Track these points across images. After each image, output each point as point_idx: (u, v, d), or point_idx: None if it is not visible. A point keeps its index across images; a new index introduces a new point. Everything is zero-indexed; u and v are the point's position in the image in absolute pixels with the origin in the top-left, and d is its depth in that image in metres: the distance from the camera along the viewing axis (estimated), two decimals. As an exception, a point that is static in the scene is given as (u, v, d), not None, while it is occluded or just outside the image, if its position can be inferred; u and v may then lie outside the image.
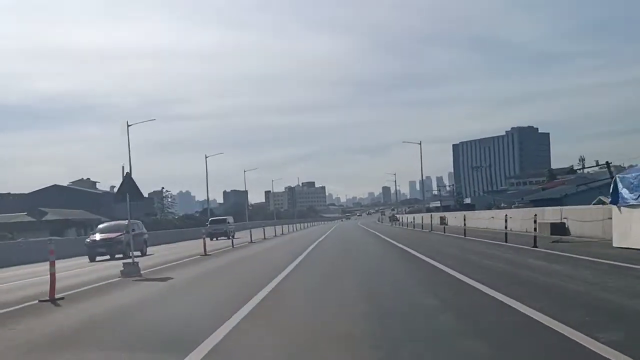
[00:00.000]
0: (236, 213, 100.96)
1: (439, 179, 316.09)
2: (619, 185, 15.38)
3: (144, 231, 29.05)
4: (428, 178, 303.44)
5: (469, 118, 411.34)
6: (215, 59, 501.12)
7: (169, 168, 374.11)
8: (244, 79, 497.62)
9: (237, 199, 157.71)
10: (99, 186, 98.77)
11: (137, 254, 16.28)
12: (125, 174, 14.93)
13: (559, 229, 21.78)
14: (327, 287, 10.65)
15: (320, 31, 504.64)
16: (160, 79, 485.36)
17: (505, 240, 19.77)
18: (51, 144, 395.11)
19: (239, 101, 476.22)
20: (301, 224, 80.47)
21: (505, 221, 21.19)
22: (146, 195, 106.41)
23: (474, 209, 62.64)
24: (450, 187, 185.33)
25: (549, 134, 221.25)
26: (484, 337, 5.81)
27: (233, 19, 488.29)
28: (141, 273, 14.63)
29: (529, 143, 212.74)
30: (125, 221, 22.98)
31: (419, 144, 77.55)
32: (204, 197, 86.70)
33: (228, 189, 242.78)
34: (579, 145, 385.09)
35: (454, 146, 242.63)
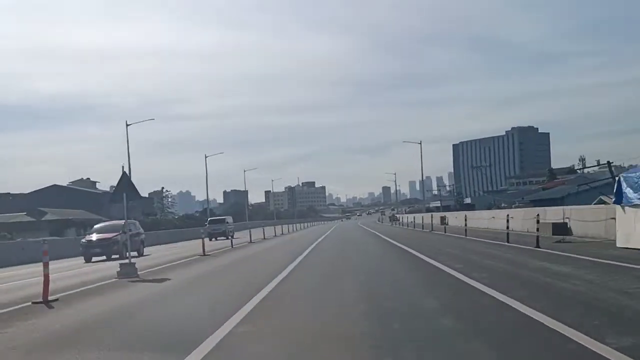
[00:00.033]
0: (236, 213, 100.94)
1: (439, 179, 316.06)
2: (622, 184, 15.16)
3: (140, 231, 28.66)
4: (428, 178, 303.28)
5: (469, 118, 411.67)
6: (215, 59, 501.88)
7: (169, 168, 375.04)
8: (244, 79, 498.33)
9: (237, 198, 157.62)
10: (99, 186, 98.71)
11: (133, 254, 16.03)
12: (122, 174, 14.72)
13: (560, 229, 21.55)
14: (327, 288, 10.57)
15: (320, 31, 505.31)
16: (160, 79, 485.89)
17: (507, 241, 19.55)
18: (51, 144, 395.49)
19: (239, 101, 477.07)
20: (301, 224, 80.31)
21: (506, 221, 20.99)
22: (146, 195, 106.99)
23: (474, 209, 62.49)
24: (450, 187, 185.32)
25: (549, 133, 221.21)
26: (485, 339, 5.62)
27: (233, 19, 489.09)
28: (138, 274, 14.40)
29: (529, 143, 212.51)
30: (121, 221, 22.77)
31: (419, 144, 77.51)
32: (204, 197, 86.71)
33: (228, 189, 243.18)
34: (579, 145, 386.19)
35: (454, 146, 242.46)
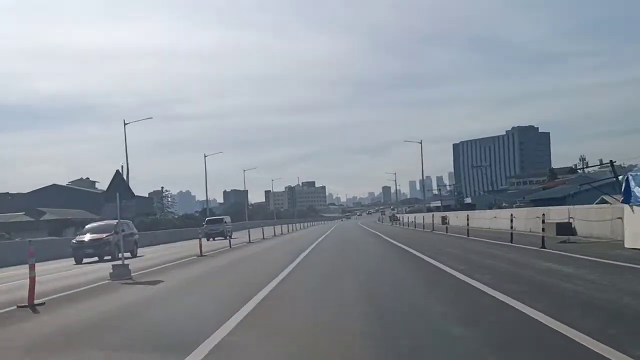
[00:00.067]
0: (236, 213, 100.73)
1: (439, 179, 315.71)
2: (631, 183, 14.74)
3: (134, 231, 27.85)
4: (428, 178, 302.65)
5: (469, 118, 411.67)
6: (215, 59, 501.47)
7: (169, 168, 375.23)
8: (244, 79, 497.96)
9: (237, 198, 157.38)
10: (99, 186, 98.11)
11: (127, 255, 15.56)
12: (115, 172, 14.27)
13: (565, 228, 21.15)
14: (327, 287, 10.44)
15: (320, 31, 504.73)
16: (160, 79, 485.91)
17: (511, 241, 19.11)
18: (51, 144, 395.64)
19: (239, 101, 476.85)
20: (301, 224, 79.92)
21: (510, 221, 20.57)
22: (146, 195, 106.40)
23: (475, 209, 62.16)
24: (451, 187, 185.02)
25: (549, 133, 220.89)
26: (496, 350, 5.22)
27: (233, 19, 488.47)
28: (132, 275, 13.93)
29: (530, 143, 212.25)
30: (114, 221, 22.17)
31: (420, 143, 77.18)
32: (204, 197, 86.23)
33: (228, 189, 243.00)
34: (579, 145, 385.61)
35: (454, 146, 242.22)
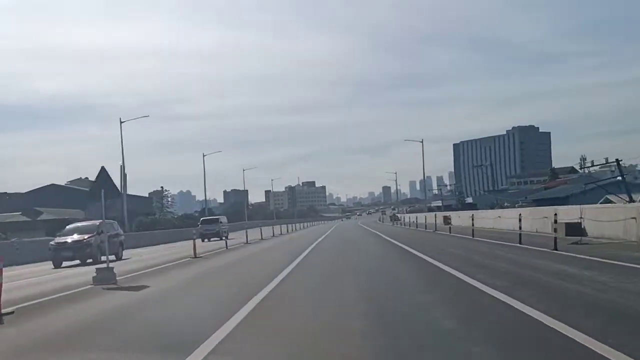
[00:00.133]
0: (236, 213, 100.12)
1: (439, 179, 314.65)
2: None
3: (119, 232, 26.45)
4: (428, 178, 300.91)
5: (469, 118, 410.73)
6: (215, 59, 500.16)
7: (169, 168, 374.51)
8: (244, 79, 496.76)
9: (237, 198, 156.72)
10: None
11: (111, 258, 14.65)
12: (101, 168, 13.41)
13: (574, 229, 20.24)
14: (327, 288, 10.38)
15: (320, 31, 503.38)
16: (160, 79, 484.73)
17: (520, 242, 18.24)
18: (51, 144, 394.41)
19: (239, 101, 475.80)
20: (301, 224, 79.17)
21: (518, 221, 19.69)
22: (146, 194, 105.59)
23: (476, 209, 61.39)
24: (452, 187, 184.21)
25: (549, 133, 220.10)
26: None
27: (233, 19, 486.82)
28: (117, 280, 13.02)
29: (530, 142, 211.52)
30: (97, 221, 21.13)
31: (421, 142, 76.39)
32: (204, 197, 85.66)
33: (228, 189, 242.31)
34: (579, 145, 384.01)
35: (455, 145, 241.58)
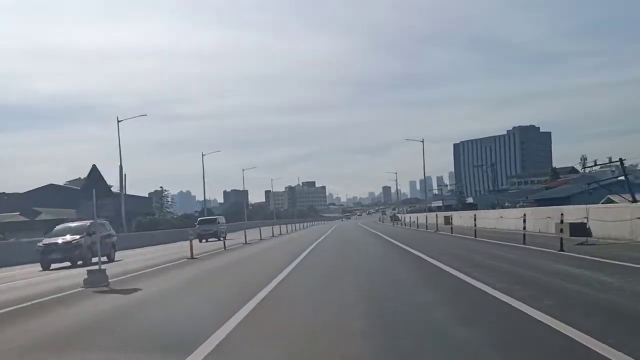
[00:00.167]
0: (236, 213, 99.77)
1: (439, 179, 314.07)
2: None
3: (111, 233, 25.57)
4: (428, 178, 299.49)
5: (469, 118, 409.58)
6: (215, 59, 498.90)
7: (169, 168, 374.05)
8: (244, 79, 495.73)
9: (237, 198, 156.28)
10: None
11: (103, 259, 14.19)
12: (92, 167, 12.93)
13: (579, 229, 19.81)
14: (327, 288, 10.34)
15: (320, 31, 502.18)
16: (160, 79, 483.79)
17: (524, 242, 17.82)
18: (51, 144, 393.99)
19: (239, 101, 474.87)
20: (301, 224, 78.73)
21: (523, 221, 19.24)
22: (146, 194, 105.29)
23: (477, 209, 60.97)
24: (452, 187, 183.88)
25: (550, 133, 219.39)
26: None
27: (233, 19, 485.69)
28: (109, 282, 12.56)
29: (531, 142, 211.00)
30: (88, 222, 20.65)
31: (422, 142, 75.91)
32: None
33: (228, 189, 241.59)
34: (579, 145, 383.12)
35: (455, 145, 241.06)
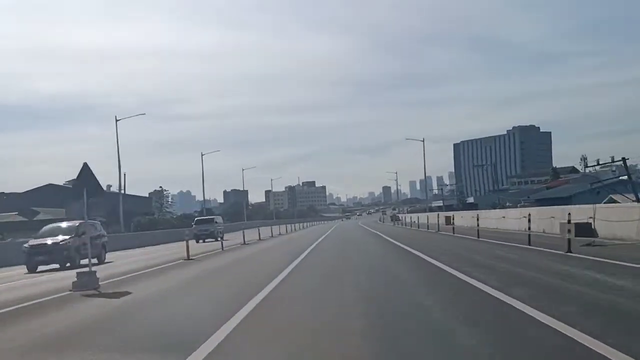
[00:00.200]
0: (236, 213, 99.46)
1: (440, 179, 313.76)
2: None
3: (102, 233, 24.66)
4: (428, 178, 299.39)
5: (469, 118, 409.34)
6: (215, 59, 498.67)
7: (169, 168, 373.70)
8: (244, 79, 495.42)
9: (237, 198, 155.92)
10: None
11: (93, 261, 13.69)
12: (83, 165, 12.47)
13: (584, 230, 19.33)
14: (327, 288, 10.32)
15: (320, 31, 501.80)
16: (160, 79, 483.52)
17: (529, 243, 17.33)
18: (51, 144, 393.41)
19: (239, 101, 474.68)
20: (301, 224, 78.38)
21: (528, 221, 18.77)
22: (146, 194, 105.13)
23: (477, 209, 60.51)
24: (452, 187, 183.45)
25: (550, 133, 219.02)
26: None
27: (233, 19, 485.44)
28: (99, 284, 12.06)
29: (531, 142, 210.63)
30: (77, 222, 20.15)
31: (422, 141, 75.59)
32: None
33: (228, 189, 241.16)
34: (579, 145, 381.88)
35: (455, 145, 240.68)
